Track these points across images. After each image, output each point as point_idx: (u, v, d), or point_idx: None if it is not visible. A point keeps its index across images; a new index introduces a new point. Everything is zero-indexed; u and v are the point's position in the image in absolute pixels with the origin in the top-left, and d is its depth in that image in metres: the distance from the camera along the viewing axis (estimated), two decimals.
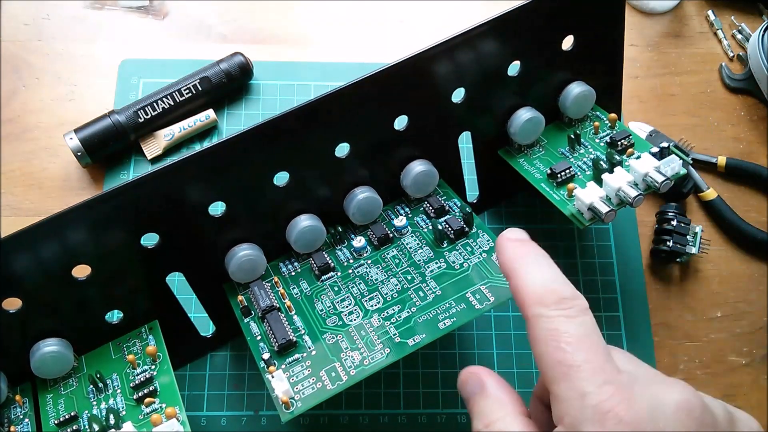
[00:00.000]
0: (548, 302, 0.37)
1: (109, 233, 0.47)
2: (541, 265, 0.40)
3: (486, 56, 0.53)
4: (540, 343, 0.36)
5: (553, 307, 0.37)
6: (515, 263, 0.40)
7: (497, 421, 0.39)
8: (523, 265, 0.40)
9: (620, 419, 0.33)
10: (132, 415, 0.47)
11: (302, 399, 0.45)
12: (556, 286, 0.38)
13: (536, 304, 0.37)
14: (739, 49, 0.76)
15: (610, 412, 0.34)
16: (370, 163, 0.54)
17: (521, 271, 0.40)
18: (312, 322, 0.50)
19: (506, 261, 0.41)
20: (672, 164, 0.53)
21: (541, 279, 0.39)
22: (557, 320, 0.37)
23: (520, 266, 0.40)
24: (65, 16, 0.74)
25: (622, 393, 0.34)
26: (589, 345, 0.36)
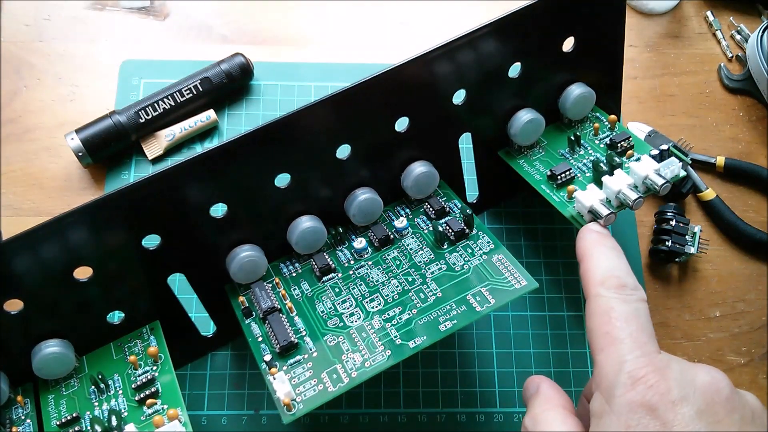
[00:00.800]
0: (609, 285, 0.43)
1: (110, 235, 0.47)
2: (610, 256, 0.45)
3: (487, 58, 0.53)
4: (593, 316, 0.42)
5: (612, 290, 0.42)
6: (590, 250, 0.46)
7: (542, 413, 0.43)
8: (596, 252, 0.46)
9: (650, 386, 0.37)
10: (134, 416, 0.47)
11: (304, 401, 0.45)
12: (620, 274, 0.43)
13: (599, 285, 0.43)
14: (737, 49, 0.76)
15: (642, 378, 0.38)
16: (370, 165, 0.54)
17: (593, 257, 0.45)
18: (313, 323, 0.50)
19: (582, 246, 0.47)
20: (671, 166, 0.53)
21: (607, 266, 0.44)
22: (613, 300, 0.42)
23: (593, 253, 0.46)
24: (66, 16, 0.74)
25: (656, 365, 0.38)
26: (636, 325, 0.40)
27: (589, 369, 0.60)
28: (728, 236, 0.67)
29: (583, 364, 0.60)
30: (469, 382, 0.60)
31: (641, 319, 0.41)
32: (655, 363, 0.38)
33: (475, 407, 0.59)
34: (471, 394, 0.59)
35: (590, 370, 0.60)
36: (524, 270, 0.50)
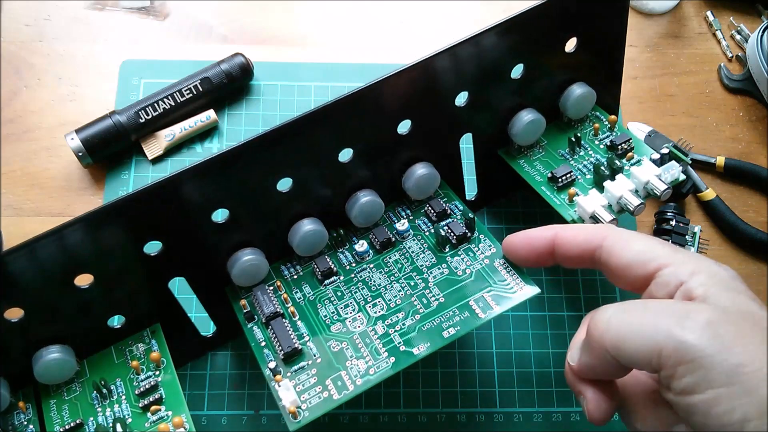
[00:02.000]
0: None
1: (111, 242, 0.47)
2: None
3: (490, 60, 0.53)
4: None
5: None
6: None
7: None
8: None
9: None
10: (138, 423, 0.47)
11: (309, 408, 0.45)
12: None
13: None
14: (737, 49, 0.76)
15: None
16: (372, 167, 0.54)
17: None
18: (316, 328, 0.50)
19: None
20: (672, 170, 0.53)
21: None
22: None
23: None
24: (66, 16, 0.74)
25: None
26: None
27: None
28: (728, 236, 0.67)
29: None
30: (469, 382, 0.60)
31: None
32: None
33: (475, 407, 0.59)
34: (471, 394, 0.59)
35: None
36: (526, 275, 0.50)
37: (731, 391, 0.34)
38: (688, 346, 0.35)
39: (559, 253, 0.47)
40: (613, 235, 0.44)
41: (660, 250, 0.42)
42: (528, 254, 0.49)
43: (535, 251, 0.48)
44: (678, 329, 0.36)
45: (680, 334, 0.35)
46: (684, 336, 0.35)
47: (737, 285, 0.39)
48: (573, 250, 0.46)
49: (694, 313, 0.36)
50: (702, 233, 0.64)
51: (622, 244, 0.44)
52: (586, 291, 0.63)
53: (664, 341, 0.36)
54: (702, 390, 0.35)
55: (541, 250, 0.48)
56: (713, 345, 0.35)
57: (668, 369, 0.36)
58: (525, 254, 0.49)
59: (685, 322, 0.36)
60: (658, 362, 0.36)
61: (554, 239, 0.47)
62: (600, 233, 0.45)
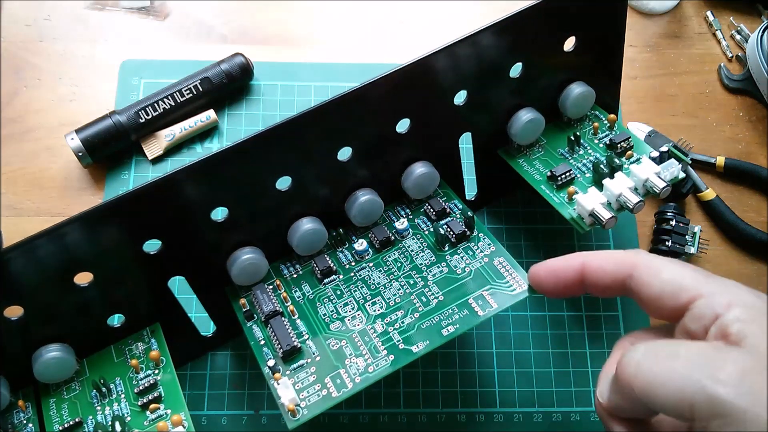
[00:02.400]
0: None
1: (111, 241, 0.47)
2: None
3: (489, 58, 0.53)
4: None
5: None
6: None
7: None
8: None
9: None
10: (137, 421, 0.47)
11: (308, 406, 0.45)
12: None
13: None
14: (737, 49, 0.76)
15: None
16: (371, 166, 0.54)
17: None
18: (315, 326, 0.50)
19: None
20: (671, 168, 0.53)
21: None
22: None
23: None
24: (66, 16, 0.74)
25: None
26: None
27: (590, 369, 0.60)
28: (728, 236, 0.67)
29: (583, 364, 0.60)
30: (469, 382, 0.60)
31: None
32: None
33: (475, 407, 0.59)
34: (471, 394, 0.59)
35: (590, 370, 0.60)
36: (525, 274, 0.50)
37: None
38: (721, 401, 0.34)
39: (589, 283, 0.45)
40: (643, 263, 0.42)
41: (692, 279, 0.40)
42: (556, 286, 0.46)
43: (564, 283, 0.46)
44: (710, 382, 0.34)
45: (712, 388, 0.34)
46: (716, 390, 0.34)
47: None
48: (603, 279, 0.44)
49: (728, 363, 0.35)
50: (702, 233, 0.64)
51: (651, 272, 0.41)
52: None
53: (696, 395, 0.34)
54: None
55: (570, 282, 0.45)
56: (747, 400, 0.33)
57: (702, 422, 0.35)
58: (553, 286, 0.47)
59: (718, 374, 0.34)
60: (690, 414, 0.35)
61: (582, 269, 0.45)
62: (630, 260, 0.43)
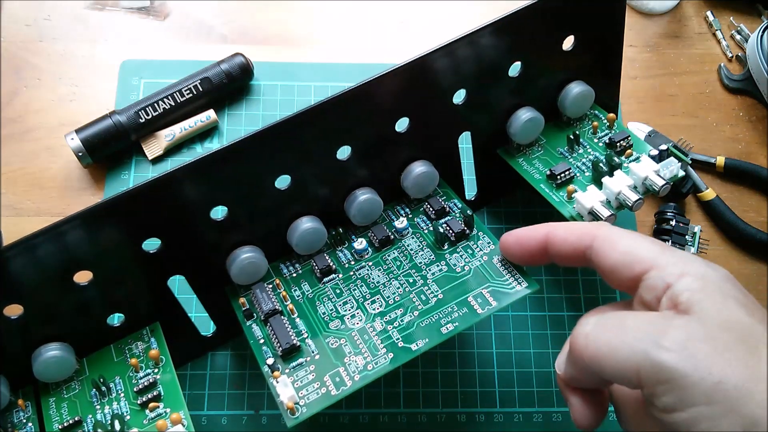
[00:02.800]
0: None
1: (110, 239, 0.47)
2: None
3: (488, 57, 0.53)
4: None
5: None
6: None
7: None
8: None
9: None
10: (136, 420, 0.47)
11: (307, 404, 0.45)
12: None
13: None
14: (737, 49, 0.76)
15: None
16: (370, 165, 0.54)
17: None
18: (315, 325, 0.50)
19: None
20: (670, 167, 0.53)
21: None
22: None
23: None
24: (66, 16, 0.74)
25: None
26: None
27: None
28: (728, 236, 0.67)
29: None
30: (469, 382, 0.60)
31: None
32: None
33: (475, 407, 0.59)
34: (471, 394, 0.59)
35: None
36: (525, 271, 0.50)
37: (712, 409, 0.33)
38: (665, 367, 0.35)
39: (552, 252, 0.46)
40: (602, 235, 0.43)
41: (647, 251, 0.41)
42: (522, 254, 0.48)
43: (528, 251, 0.48)
44: (654, 350, 0.35)
45: (656, 354, 0.35)
46: (660, 357, 0.35)
47: (728, 288, 0.38)
48: (565, 249, 0.45)
49: (672, 330, 0.36)
50: (702, 233, 0.64)
51: (609, 243, 0.43)
52: (586, 291, 0.63)
53: (641, 362, 0.36)
54: (683, 408, 0.34)
55: (534, 250, 0.47)
56: (690, 365, 0.34)
57: (648, 388, 0.36)
58: (519, 254, 0.49)
59: (661, 341, 0.35)
60: (637, 381, 0.36)
61: (546, 238, 0.46)
62: (591, 232, 0.44)
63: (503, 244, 0.50)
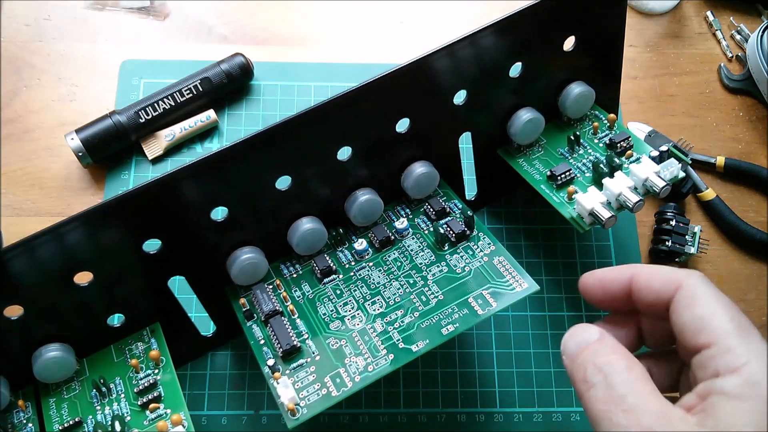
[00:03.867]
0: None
1: (110, 240, 0.47)
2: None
3: (488, 58, 0.53)
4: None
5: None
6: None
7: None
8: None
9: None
10: (137, 421, 0.47)
11: (308, 405, 0.45)
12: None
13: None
14: (737, 49, 0.76)
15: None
16: (371, 165, 0.54)
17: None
18: (315, 326, 0.50)
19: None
20: (671, 168, 0.53)
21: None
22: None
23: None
24: (66, 16, 0.74)
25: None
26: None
27: None
28: (728, 236, 0.67)
29: None
30: (469, 382, 0.60)
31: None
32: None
33: (475, 407, 0.59)
34: (471, 394, 0.59)
35: None
36: (525, 272, 0.50)
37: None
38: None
39: (637, 299, 0.41)
40: (687, 286, 0.39)
41: (719, 323, 0.36)
42: (603, 298, 0.43)
43: (610, 295, 0.43)
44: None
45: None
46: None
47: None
48: (647, 297, 0.40)
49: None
50: (702, 233, 0.64)
51: (688, 299, 0.38)
52: None
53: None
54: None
55: (617, 294, 0.42)
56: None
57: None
58: (600, 298, 0.44)
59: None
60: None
61: (630, 282, 0.41)
62: (677, 280, 0.39)
63: (584, 286, 0.44)
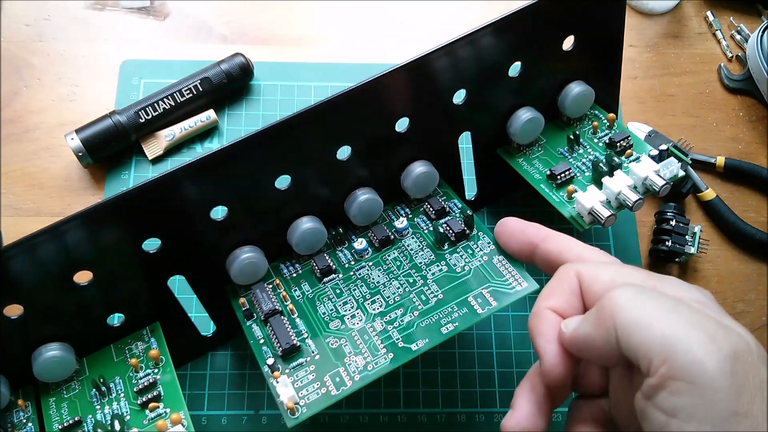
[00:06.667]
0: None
1: (110, 239, 0.47)
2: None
3: (488, 57, 0.53)
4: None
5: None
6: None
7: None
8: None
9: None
10: (136, 420, 0.47)
11: (307, 405, 0.45)
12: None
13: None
14: (737, 49, 0.76)
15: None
16: (370, 165, 0.54)
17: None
18: (315, 325, 0.50)
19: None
20: (670, 167, 0.53)
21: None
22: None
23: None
24: (66, 16, 0.74)
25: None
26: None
27: None
28: (728, 236, 0.67)
29: None
30: (469, 382, 0.60)
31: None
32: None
33: (475, 407, 0.59)
34: (471, 394, 0.59)
35: None
36: (525, 271, 0.50)
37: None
38: (702, 368, 0.32)
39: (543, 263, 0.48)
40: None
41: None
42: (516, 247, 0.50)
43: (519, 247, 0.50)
44: (699, 349, 0.33)
45: (700, 355, 0.33)
46: (703, 359, 0.32)
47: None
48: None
49: (726, 336, 0.33)
50: (702, 233, 0.64)
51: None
52: None
53: (676, 351, 0.33)
54: (686, 419, 0.32)
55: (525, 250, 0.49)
56: (728, 382, 0.32)
57: (660, 378, 0.33)
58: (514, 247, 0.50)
59: (710, 344, 0.33)
60: (655, 367, 0.33)
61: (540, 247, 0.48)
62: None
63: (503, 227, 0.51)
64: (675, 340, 0.33)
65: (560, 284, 0.43)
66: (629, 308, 0.36)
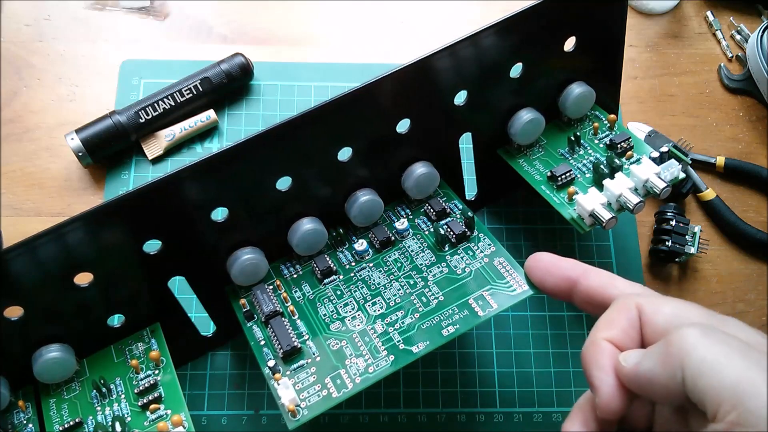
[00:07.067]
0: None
1: (111, 241, 0.47)
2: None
3: (489, 59, 0.53)
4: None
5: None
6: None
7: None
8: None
9: None
10: (137, 421, 0.47)
11: (308, 407, 0.45)
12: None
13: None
14: (737, 49, 0.76)
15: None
16: (371, 166, 0.54)
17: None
18: (315, 327, 0.50)
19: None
20: (671, 168, 0.53)
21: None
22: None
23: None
24: (66, 16, 0.74)
25: None
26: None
27: None
28: (728, 236, 0.67)
29: None
30: (469, 382, 0.60)
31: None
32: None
33: (475, 407, 0.59)
34: (471, 394, 0.59)
35: None
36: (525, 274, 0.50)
37: None
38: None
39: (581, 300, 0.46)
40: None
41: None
42: (552, 285, 0.47)
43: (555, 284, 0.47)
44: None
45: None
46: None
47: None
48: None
49: None
50: (702, 233, 0.64)
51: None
52: None
53: (748, 399, 0.32)
54: None
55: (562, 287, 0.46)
56: None
57: (728, 425, 0.32)
58: (550, 286, 0.47)
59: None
60: (725, 412, 0.32)
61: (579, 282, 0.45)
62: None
63: (535, 262, 0.48)
64: (747, 387, 0.32)
65: (619, 315, 0.41)
66: (699, 348, 0.35)
